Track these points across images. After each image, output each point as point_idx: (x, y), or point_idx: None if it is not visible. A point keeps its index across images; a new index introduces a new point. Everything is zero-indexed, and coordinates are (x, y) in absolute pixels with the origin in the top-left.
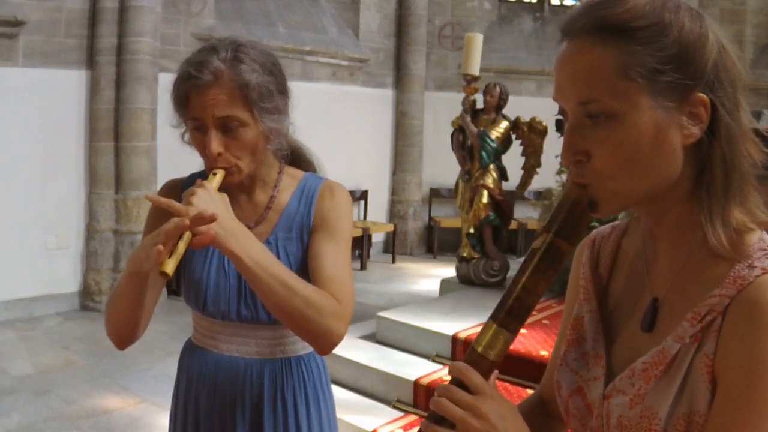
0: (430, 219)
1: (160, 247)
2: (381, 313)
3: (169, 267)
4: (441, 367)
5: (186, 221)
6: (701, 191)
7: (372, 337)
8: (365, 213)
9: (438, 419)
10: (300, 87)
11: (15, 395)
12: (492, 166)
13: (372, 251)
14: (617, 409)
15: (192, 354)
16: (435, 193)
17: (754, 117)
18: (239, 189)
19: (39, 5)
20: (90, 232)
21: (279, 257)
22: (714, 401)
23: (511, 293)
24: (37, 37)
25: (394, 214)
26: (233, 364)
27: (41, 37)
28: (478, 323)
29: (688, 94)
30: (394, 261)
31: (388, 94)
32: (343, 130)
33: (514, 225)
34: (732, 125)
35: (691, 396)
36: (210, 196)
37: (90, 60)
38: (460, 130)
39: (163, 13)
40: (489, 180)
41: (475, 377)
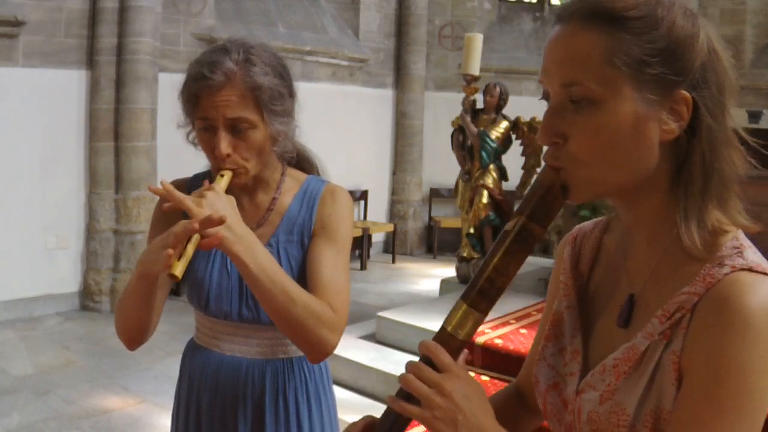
0: (430, 219)
1: (170, 251)
2: (381, 313)
3: (179, 270)
4: None
5: (195, 225)
6: (679, 189)
7: (372, 337)
8: (365, 213)
9: (406, 396)
10: (300, 87)
11: (15, 395)
12: (492, 166)
13: (372, 251)
14: (588, 405)
15: (194, 354)
16: (435, 193)
17: (754, 117)
18: (242, 190)
19: (39, 5)
20: (90, 232)
21: (280, 260)
22: (678, 398)
23: (483, 274)
24: (37, 37)
25: (394, 214)
26: (235, 364)
27: (41, 37)
28: None
29: (671, 89)
30: (394, 261)
31: (388, 94)
32: (343, 130)
33: None
34: (713, 127)
35: (659, 393)
36: (219, 198)
37: (90, 60)
38: (460, 130)
39: (163, 13)
40: (489, 180)
41: (443, 356)
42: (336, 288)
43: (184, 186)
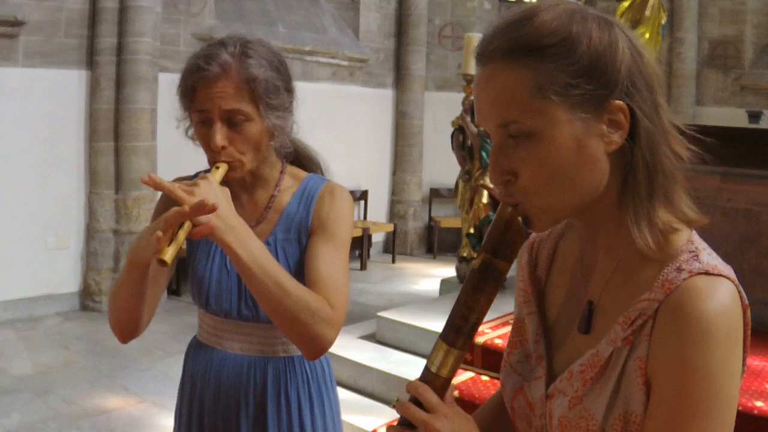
0: (430, 219)
1: (159, 233)
2: (381, 313)
3: (168, 255)
4: None
5: (186, 208)
6: (626, 196)
7: (372, 337)
8: (365, 213)
9: None
10: (300, 87)
11: (15, 395)
12: None
13: (372, 251)
14: (558, 410)
15: (197, 352)
16: (435, 193)
17: (754, 117)
18: (241, 187)
19: (39, 5)
20: (90, 232)
21: (278, 258)
22: (649, 404)
23: (456, 313)
24: (37, 37)
25: (394, 214)
26: (237, 362)
27: (41, 37)
28: None
29: (603, 102)
30: (394, 261)
31: (388, 94)
32: (343, 130)
33: None
34: (651, 128)
35: (626, 398)
36: (212, 188)
37: (90, 60)
38: (460, 130)
39: (163, 13)
40: (489, 180)
41: (430, 396)
42: (334, 284)
43: None
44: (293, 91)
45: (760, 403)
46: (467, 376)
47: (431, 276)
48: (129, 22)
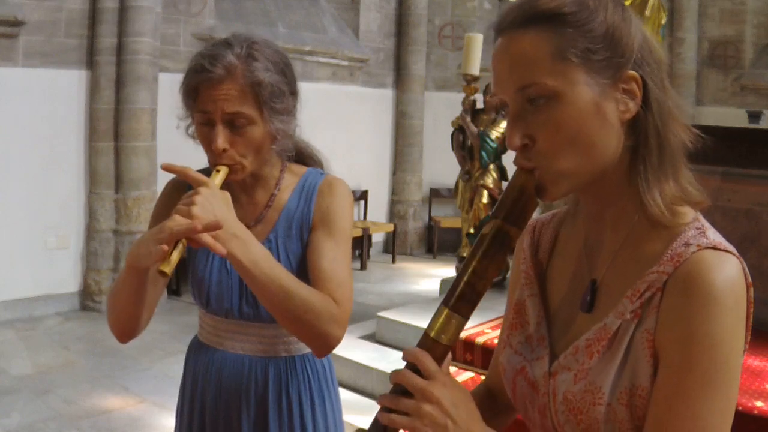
0: (430, 219)
1: (164, 247)
2: (381, 313)
3: (169, 267)
4: None
5: (199, 225)
6: (638, 163)
7: (372, 337)
8: (365, 213)
9: (394, 399)
10: (300, 87)
11: (15, 395)
12: (492, 166)
13: (372, 251)
14: (563, 385)
15: (198, 351)
16: (435, 193)
17: (754, 117)
18: (240, 187)
19: (39, 5)
20: (90, 232)
21: (279, 256)
22: (657, 375)
23: (462, 278)
24: (37, 37)
25: (394, 214)
26: (238, 361)
27: (41, 37)
28: (477, 323)
29: (620, 71)
30: (394, 261)
31: (388, 94)
32: (343, 130)
33: None
34: (662, 99)
35: (633, 370)
36: (212, 198)
37: (90, 60)
38: (460, 130)
39: (163, 13)
40: (489, 180)
41: (428, 363)
42: (338, 280)
43: (185, 182)
44: (297, 94)
45: (760, 403)
46: (467, 376)
47: (431, 276)
48: (129, 22)
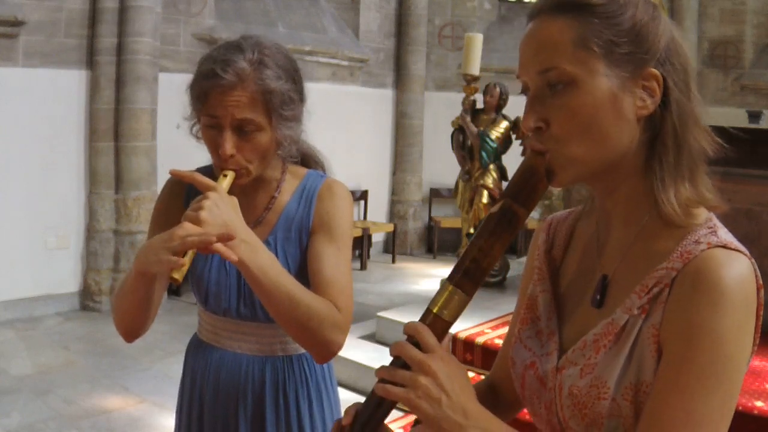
0: (430, 219)
1: (181, 261)
2: (381, 313)
3: (180, 274)
4: None
5: (213, 238)
6: (654, 162)
7: (372, 337)
8: (365, 213)
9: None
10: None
11: (15, 395)
12: (492, 166)
13: (372, 251)
14: (569, 380)
15: (197, 350)
16: (435, 193)
17: (754, 117)
18: (240, 189)
19: (39, 5)
20: (90, 232)
21: (277, 258)
22: (658, 368)
23: (468, 255)
24: (37, 37)
25: (394, 214)
26: (236, 360)
27: (41, 37)
28: (477, 323)
29: (641, 67)
30: (394, 261)
31: (388, 94)
32: (343, 130)
33: None
34: (683, 101)
35: (639, 366)
36: (220, 203)
37: (90, 60)
38: (460, 130)
39: (163, 13)
40: (489, 180)
41: (428, 337)
42: (340, 287)
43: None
44: (305, 100)
45: (760, 403)
46: None
47: (431, 276)
48: (129, 22)
